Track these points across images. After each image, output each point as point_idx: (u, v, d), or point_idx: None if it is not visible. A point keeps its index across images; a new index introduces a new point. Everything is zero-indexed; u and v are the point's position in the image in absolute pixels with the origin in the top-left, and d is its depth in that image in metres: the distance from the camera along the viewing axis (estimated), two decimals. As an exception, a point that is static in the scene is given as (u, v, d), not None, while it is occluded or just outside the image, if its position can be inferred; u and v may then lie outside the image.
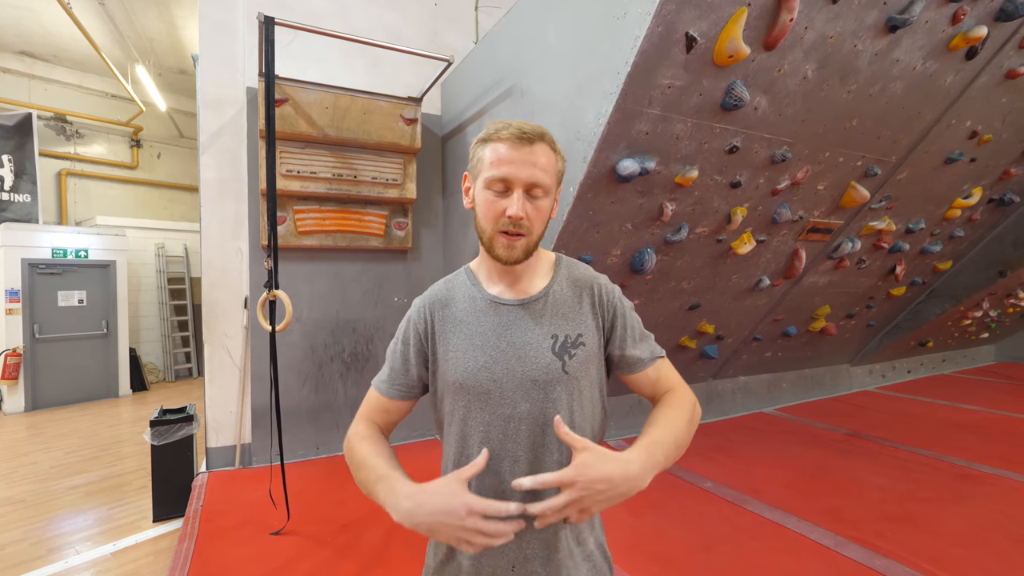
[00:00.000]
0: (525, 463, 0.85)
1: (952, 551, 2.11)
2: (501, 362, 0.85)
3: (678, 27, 1.82)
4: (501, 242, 0.84)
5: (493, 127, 0.86)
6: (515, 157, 0.82)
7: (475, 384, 0.85)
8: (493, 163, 0.83)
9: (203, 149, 3.17)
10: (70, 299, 6.02)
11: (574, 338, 0.88)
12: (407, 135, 3.41)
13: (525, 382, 0.85)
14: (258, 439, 3.26)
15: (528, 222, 0.83)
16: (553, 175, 0.86)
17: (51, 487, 3.41)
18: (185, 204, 7.88)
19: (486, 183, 0.84)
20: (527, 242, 0.85)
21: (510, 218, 0.82)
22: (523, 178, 0.82)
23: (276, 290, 2.50)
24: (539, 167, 0.83)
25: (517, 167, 0.82)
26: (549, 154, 0.85)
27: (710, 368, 4.03)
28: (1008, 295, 4.74)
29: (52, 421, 5.15)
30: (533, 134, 0.83)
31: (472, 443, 0.86)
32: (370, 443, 0.90)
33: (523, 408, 0.84)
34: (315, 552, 2.21)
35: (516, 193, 0.82)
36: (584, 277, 0.95)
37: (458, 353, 0.88)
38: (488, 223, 0.85)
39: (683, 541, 2.25)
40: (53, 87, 6.68)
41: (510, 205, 0.82)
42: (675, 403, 0.90)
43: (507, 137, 0.83)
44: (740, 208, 2.71)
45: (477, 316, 0.90)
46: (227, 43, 3.21)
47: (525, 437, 0.84)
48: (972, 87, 2.64)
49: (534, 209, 0.84)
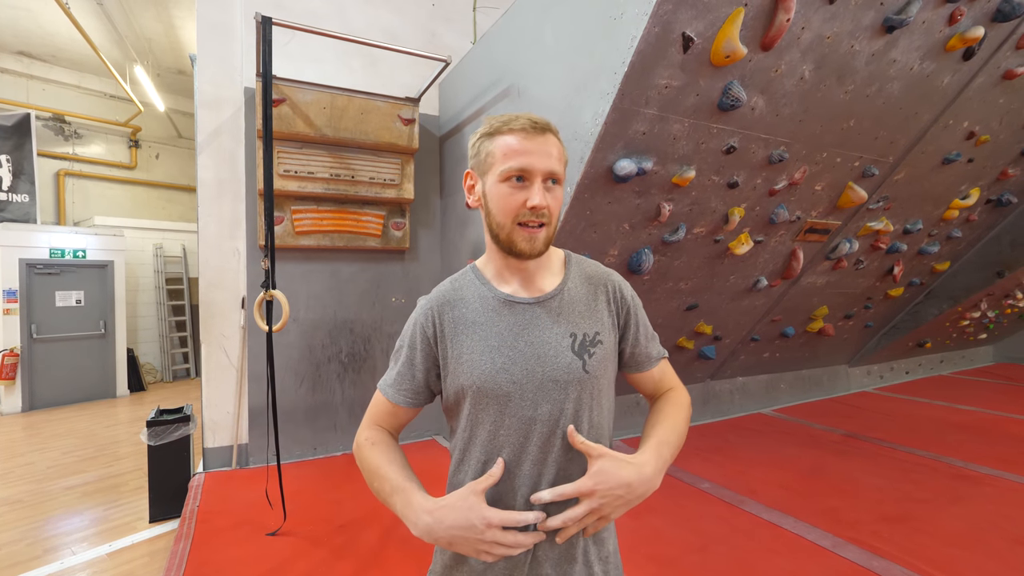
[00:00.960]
0: (547, 464, 0.83)
1: (949, 552, 2.11)
2: (520, 363, 0.83)
3: (675, 27, 1.82)
4: (522, 235, 0.82)
5: (499, 120, 0.84)
6: (531, 147, 0.80)
7: (494, 387, 0.82)
8: (508, 155, 0.81)
9: (200, 149, 3.16)
10: (68, 299, 6.01)
11: (592, 336, 0.86)
12: (405, 135, 3.41)
13: (546, 383, 0.83)
14: (255, 439, 3.26)
15: (548, 212, 0.82)
16: (563, 165, 0.86)
17: (48, 487, 3.40)
18: (183, 204, 7.87)
19: (502, 175, 0.82)
20: (547, 232, 0.83)
21: (532, 208, 0.80)
22: (542, 167, 0.81)
23: (273, 290, 2.49)
24: (554, 156, 0.82)
25: (535, 157, 0.80)
26: (559, 144, 0.85)
27: (708, 369, 4.03)
28: (1006, 296, 4.74)
29: (49, 421, 5.14)
30: (544, 124, 0.83)
31: (493, 447, 0.84)
32: (381, 450, 0.89)
33: (544, 410, 0.82)
34: (311, 553, 2.20)
35: (536, 183, 0.81)
36: (597, 274, 0.94)
37: (473, 355, 0.84)
38: (506, 217, 0.82)
39: (680, 542, 2.24)
40: (51, 87, 6.68)
41: (531, 196, 0.80)
42: (675, 402, 0.92)
43: (520, 128, 0.81)
44: (737, 208, 2.71)
45: (490, 316, 0.86)
46: (225, 43, 3.21)
47: (547, 439, 0.83)
48: (969, 88, 2.64)
49: (553, 199, 0.83)
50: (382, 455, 0.87)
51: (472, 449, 0.86)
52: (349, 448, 3.51)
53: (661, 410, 0.91)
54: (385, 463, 0.85)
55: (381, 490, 0.84)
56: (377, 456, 0.87)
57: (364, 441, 0.91)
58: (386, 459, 0.86)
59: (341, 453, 3.47)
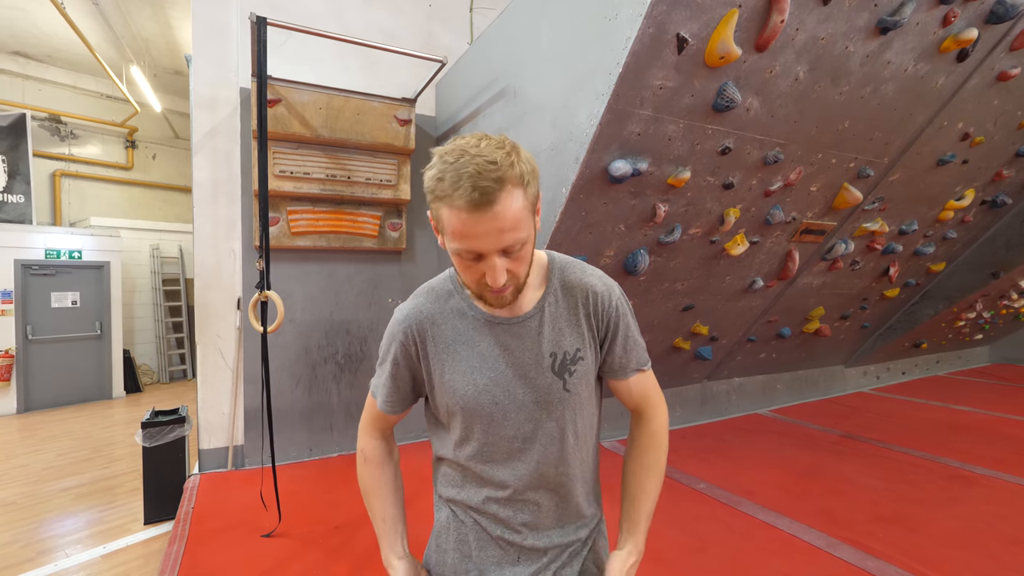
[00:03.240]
0: (528, 480, 0.85)
1: (944, 552, 2.12)
2: (502, 384, 0.84)
3: (669, 28, 1.82)
4: (489, 296, 0.78)
5: (440, 185, 0.69)
6: (478, 229, 0.69)
7: (476, 407, 0.84)
8: (455, 233, 0.71)
9: (196, 150, 3.15)
10: (63, 300, 5.99)
11: (572, 354, 0.86)
12: (401, 136, 3.40)
13: (527, 403, 0.84)
14: (251, 441, 3.25)
15: (512, 276, 0.76)
16: (527, 220, 0.73)
17: (42, 489, 3.39)
18: (180, 205, 7.85)
19: (453, 251, 0.75)
20: (516, 286, 0.78)
21: (490, 286, 0.75)
22: (494, 248, 0.71)
23: (268, 291, 2.49)
24: (507, 228, 0.70)
25: (483, 240, 0.70)
26: (516, 200, 0.70)
27: (704, 369, 4.03)
28: (1001, 296, 4.76)
29: (44, 423, 5.12)
30: (491, 187, 0.67)
31: (475, 462, 0.88)
32: (375, 474, 0.96)
33: (526, 428, 0.84)
34: (306, 554, 2.19)
35: (491, 260, 0.73)
36: (578, 284, 0.88)
37: (455, 376, 0.85)
38: (469, 283, 0.79)
39: (676, 542, 2.24)
40: (47, 87, 6.66)
41: (487, 274, 0.74)
42: (653, 454, 0.93)
43: (464, 205, 0.68)
44: (733, 209, 2.71)
45: (471, 335, 0.85)
46: (220, 44, 3.20)
47: (529, 456, 0.85)
48: (964, 89, 2.65)
49: (514, 261, 0.75)
50: (374, 483, 0.96)
51: (458, 458, 0.90)
52: (345, 449, 3.51)
53: (640, 471, 0.93)
54: (378, 496, 0.95)
55: (372, 519, 0.97)
56: (369, 480, 0.96)
57: (359, 452, 0.99)
58: (379, 492, 0.95)
59: (337, 454, 3.47)
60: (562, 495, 0.88)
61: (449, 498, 0.92)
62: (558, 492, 0.88)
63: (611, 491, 0.99)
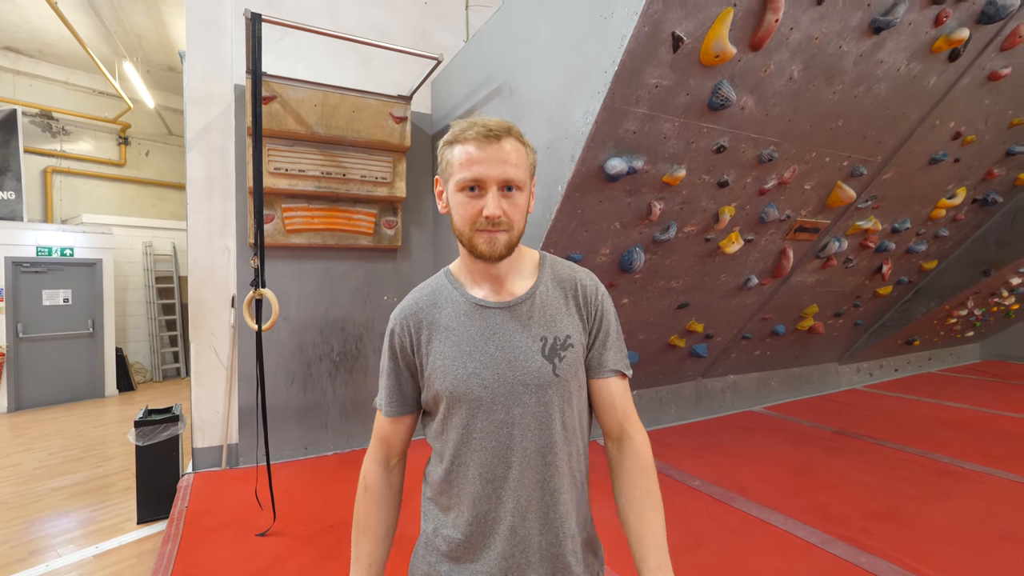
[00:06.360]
0: (519, 468, 0.84)
1: (937, 548, 2.14)
2: (491, 367, 0.84)
3: (664, 27, 1.83)
4: (481, 238, 0.83)
5: (458, 127, 0.84)
6: (485, 156, 0.80)
7: (466, 391, 0.84)
8: (463, 164, 0.82)
9: (190, 146, 3.13)
10: (55, 298, 5.94)
11: (563, 340, 0.87)
12: (396, 133, 3.39)
13: (517, 387, 0.84)
14: (245, 439, 3.23)
15: (507, 218, 0.82)
16: (525, 169, 0.84)
17: (34, 489, 3.36)
18: (174, 202, 7.80)
19: (458, 185, 0.83)
20: (509, 237, 0.84)
21: (487, 218, 0.81)
22: (496, 176, 0.81)
23: (262, 289, 2.48)
24: (510, 163, 0.81)
25: (488, 166, 0.80)
26: (519, 148, 0.83)
27: (699, 367, 4.05)
28: (992, 294, 4.80)
29: (36, 422, 5.08)
30: (500, 130, 0.82)
31: (465, 450, 0.86)
32: (371, 511, 0.93)
33: (516, 413, 0.84)
34: (301, 553, 2.19)
35: (491, 192, 0.81)
36: (569, 276, 0.93)
37: (446, 361, 0.86)
38: (465, 224, 0.84)
39: (671, 539, 2.23)
40: (39, 83, 6.59)
41: (486, 205, 0.81)
42: (653, 490, 0.91)
43: (474, 137, 0.81)
44: (728, 207, 2.72)
45: (462, 321, 0.88)
46: (214, 40, 3.18)
47: (519, 442, 0.84)
48: (955, 88, 2.67)
49: (511, 205, 0.83)
50: (367, 518, 0.93)
51: (452, 452, 0.87)
52: (340, 448, 3.50)
53: (648, 511, 0.90)
54: (364, 529, 0.92)
55: (353, 549, 0.93)
56: (362, 513, 0.93)
57: (361, 478, 0.96)
58: (368, 524, 0.92)
59: (332, 453, 3.46)
60: (549, 517, 0.85)
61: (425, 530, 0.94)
62: (550, 490, 0.85)
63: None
